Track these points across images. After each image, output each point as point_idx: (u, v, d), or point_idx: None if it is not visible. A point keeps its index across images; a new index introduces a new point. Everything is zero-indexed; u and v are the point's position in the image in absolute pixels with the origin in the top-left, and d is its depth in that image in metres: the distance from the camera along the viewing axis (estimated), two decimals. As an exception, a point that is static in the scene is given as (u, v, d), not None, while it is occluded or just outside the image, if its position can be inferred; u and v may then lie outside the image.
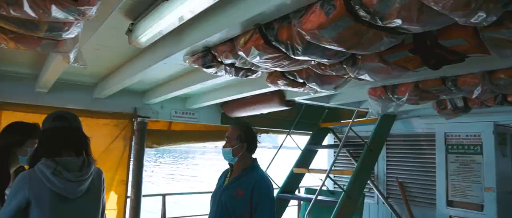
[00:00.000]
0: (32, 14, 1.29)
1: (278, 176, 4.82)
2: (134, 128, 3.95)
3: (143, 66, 2.62)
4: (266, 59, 1.84)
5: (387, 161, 4.93)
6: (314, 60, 1.93)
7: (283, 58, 1.86)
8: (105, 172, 3.90)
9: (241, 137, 2.24)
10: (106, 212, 3.85)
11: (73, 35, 1.57)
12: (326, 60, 1.83)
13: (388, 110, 3.24)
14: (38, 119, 2.05)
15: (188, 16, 1.69)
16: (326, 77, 2.34)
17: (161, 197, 5.08)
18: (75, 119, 1.91)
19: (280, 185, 4.89)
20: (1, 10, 1.25)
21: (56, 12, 1.29)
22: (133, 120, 3.94)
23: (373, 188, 4.88)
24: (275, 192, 4.80)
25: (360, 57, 1.95)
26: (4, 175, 2.03)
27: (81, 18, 1.38)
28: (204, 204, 2.82)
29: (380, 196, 4.85)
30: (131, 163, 3.91)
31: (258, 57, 1.82)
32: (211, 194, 2.46)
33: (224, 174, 2.41)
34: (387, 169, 4.92)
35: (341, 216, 3.86)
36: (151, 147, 4.28)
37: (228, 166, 2.39)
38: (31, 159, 1.79)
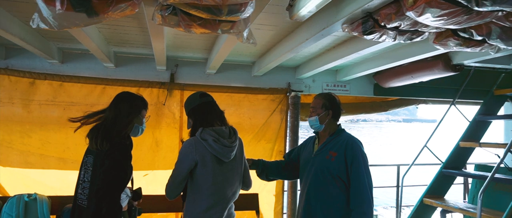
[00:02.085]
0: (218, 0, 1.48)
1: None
2: (289, 102, 4.16)
3: (299, 41, 2.71)
4: (439, 16, 1.65)
5: None
6: (503, 11, 1.63)
7: (461, 13, 1.62)
8: (265, 142, 4.28)
9: (326, 105, 2.41)
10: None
11: (247, 15, 1.73)
12: (522, 8, 1.53)
13: None
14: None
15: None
16: (516, 30, 1.95)
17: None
18: (211, 96, 2.23)
19: (444, 160, 4.41)
20: (195, 0, 1.47)
21: (237, -5, 1.45)
22: (287, 94, 4.16)
23: None
24: (438, 168, 4.39)
25: None
26: (130, 140, 2.20)
27: (256, -3, 1.50)
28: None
29: None
30: (288, 135, 4.15)
31: (430, 15, 1.65)
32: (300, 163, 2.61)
33: (311, 141, 2.55)
34: None
35: (527, 200, 3.25)
36: (305, 120, 4.43)
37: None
38: (192, 129, 2.14)
